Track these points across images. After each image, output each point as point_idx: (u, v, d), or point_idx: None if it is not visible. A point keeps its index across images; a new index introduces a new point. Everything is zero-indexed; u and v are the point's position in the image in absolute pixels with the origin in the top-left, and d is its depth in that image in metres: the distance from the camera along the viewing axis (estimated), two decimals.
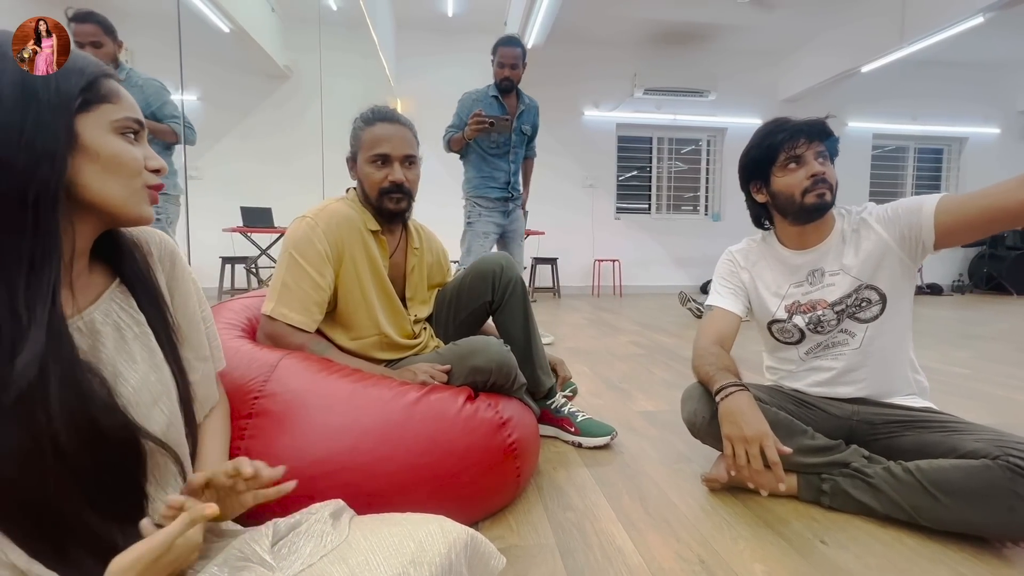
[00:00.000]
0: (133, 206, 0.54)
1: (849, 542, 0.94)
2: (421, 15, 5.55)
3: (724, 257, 1.30)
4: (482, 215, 2.67)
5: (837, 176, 1.12)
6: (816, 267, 1.16)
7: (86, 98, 0.49)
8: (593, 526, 1.00)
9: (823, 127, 1.10)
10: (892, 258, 1.08)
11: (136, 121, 0.54)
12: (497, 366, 1.09)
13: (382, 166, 1.16)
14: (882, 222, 1.10)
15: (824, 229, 1.15)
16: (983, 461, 0.89)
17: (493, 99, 2.57)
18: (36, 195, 0.46)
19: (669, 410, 1.73)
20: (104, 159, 0.50)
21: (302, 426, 0.87)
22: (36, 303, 0.46)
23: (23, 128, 0.45)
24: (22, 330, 0.45)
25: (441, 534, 0.58)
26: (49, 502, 0.47)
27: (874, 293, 1.11)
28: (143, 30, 5.26)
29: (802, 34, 5.83)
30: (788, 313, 1.19)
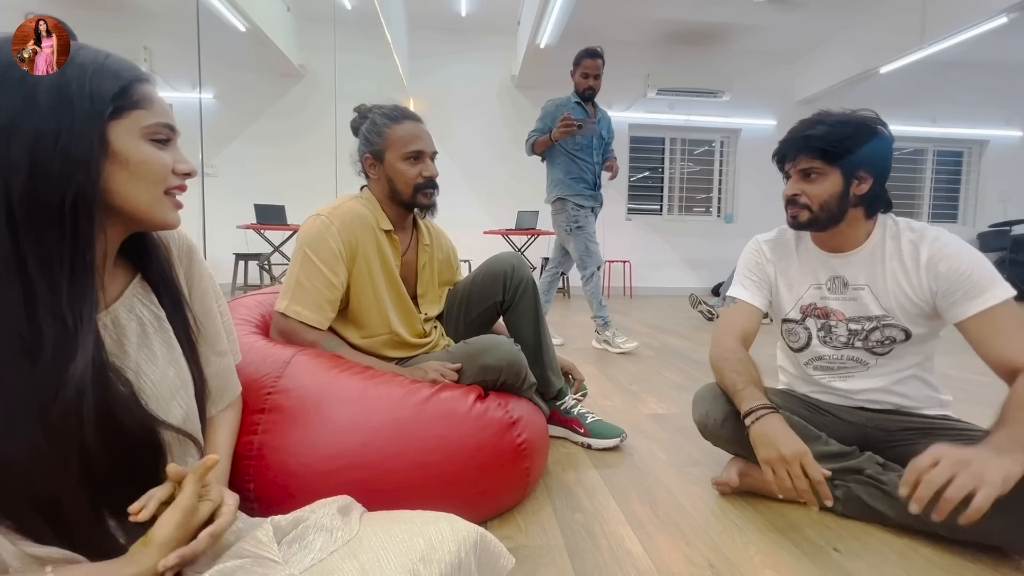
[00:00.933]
0: (158, 211, 0.54)
1: (863, 550, 0.92)
2: (435, 14, 5.56)
3: (751, 246, 1.24)
4: (587, 216, 2.76)
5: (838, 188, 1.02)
6: (838, 274, 1.11)
7: (118, 105, 0.50)
8: (602, 528, 1.00)
9: (805, 140, 1.04)
10: (926, 307, 1.02)
11: (167, 126, 0.54)
12: (507, 365, 1.09)
13: (416, 162, 1.18)
14: (929, 269, 1.00)
15: (854, 236, 1.08)
16: None
17: (576, 104, 2.71)
18: (73, 202, 0.47)
19: (679, 413, 1.71)
20: (133, 165, 0.51)
21: (314, 422, 0.87)
22: (83, 308, 0.47)
23: (59, 136, 0.46)
24: (69, 335, 0.46)
25: (451, 532, 0.58)
26: (66, 500, 0.48)
27: (900, 333, 1.06)
28: (160, 30, 5.35)
29: (819, 34, 5.75)
30: (802, 314, 1.16)
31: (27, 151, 0.45)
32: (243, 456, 0.82)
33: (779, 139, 1.11)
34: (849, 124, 1.02)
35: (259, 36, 4.67)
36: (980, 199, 6.86)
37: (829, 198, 1.04)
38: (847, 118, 1.03)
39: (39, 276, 0.45)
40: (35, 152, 0.45)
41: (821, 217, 1.05)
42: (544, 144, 2.70)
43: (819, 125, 1.03)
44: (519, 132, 6.13)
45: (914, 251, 1.03)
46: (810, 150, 1.03)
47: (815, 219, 1.06)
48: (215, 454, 0.69)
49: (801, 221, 1.07)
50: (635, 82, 6.15)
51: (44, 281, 0.45)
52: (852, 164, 1.02)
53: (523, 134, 6.14)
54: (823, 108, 1.09)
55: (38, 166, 0.45)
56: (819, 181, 1.04)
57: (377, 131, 1.20)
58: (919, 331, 1.05)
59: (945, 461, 0.76)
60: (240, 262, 5.12)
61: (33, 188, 0.45)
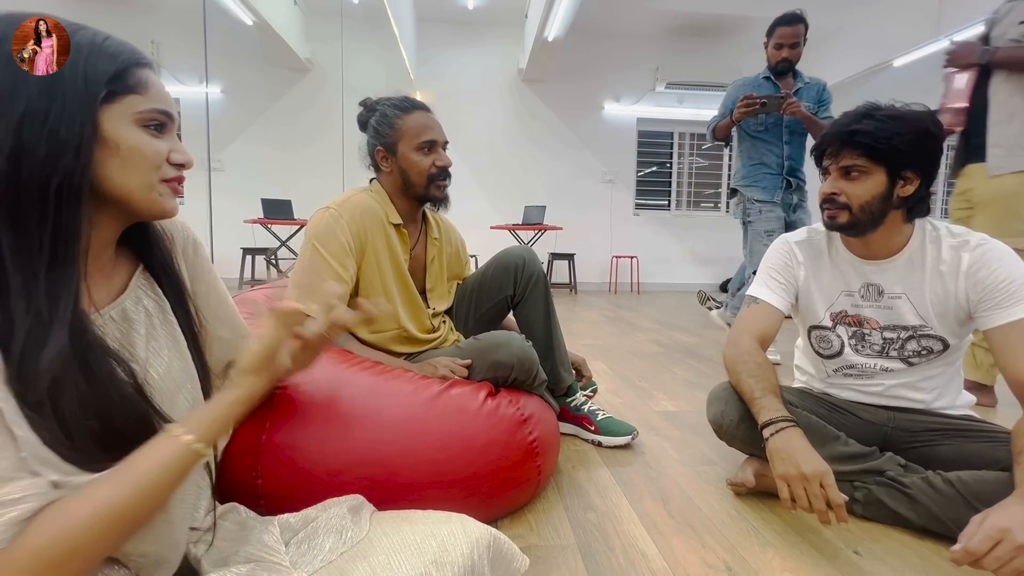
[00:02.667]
0: (153, 200, 0.52)
1: (885, 554, 0.90)
2: (441, 8, 5.52)
3: (780, 246, 1.16)
4: (762, 211, 2.38)
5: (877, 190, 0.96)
6: (872, 281, 1.05)
7: (112, 89, 0.48)
8: (615, 528, 0.98)
9: (850, 135, 0.96)
10: (962, 313, 0.98)
11: (162, 112, 0.52)
12: (519, 361, 1.07)
13: (429, 152, 1.17)
14: (970, 275, 0.95)
15: (892, 242, 1.02)
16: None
17: (765, 80, 2.43)
18: (58, 186, 0.44)
19: (691, 411, 1.69)
20: (124, 152, 0.49)
21: (323, 418, 0.86)
22: (59, 297, 0.45)
23: (47, 116, 0.44)
24: (43, 325, 0.43)
25: (463, 534, 0.56)
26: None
27: (938, 343, 1.02)
28: (168, 23, 5.35)
29: (831, 26, 5.65)
30: (832, 322, 1.11)
31: (12, 130, 0.43)
32: (251, 452, 0.81)
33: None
34: (900, 120, 0.94)
35: (266, 30, 4.65)
36: None
37: (871, 199, 0.97)
38: (897, 113, 0.96)
39: (14, 264, 0.43)
40: (21, 131, 0.43)
41: (861, 219, 0.98)
42: (725, 128, 2.44)
43: (866, 119, 0.96)
44: (526, 126, 6.10)
45: (955, 257, 0.98)
46: (855, 146, 0.96)
47: (854, 221, 0.99)
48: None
49: (840, 223, 1.00)
50: (643, 76, 6.08)
51: (19, 269, 0.43)
52: (899, 163, 0.95)
53: (531, 128, 6.19)
54: (835, 102, 1.04)
55: (23, 146, 0.43)
56: (861, 180, 0.97)
57: (388, 123, 1.17)
58: (957, 341, 1.01)
59: (1004, 546, 0.70)
60: (247, 257, 5.13)
61: (15, 169, 0.43)
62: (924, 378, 1.05)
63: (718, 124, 2.49)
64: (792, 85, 2.41)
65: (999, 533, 0.70)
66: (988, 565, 0.70)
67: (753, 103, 2.23)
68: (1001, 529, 0.70)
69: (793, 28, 2.34)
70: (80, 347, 0.46)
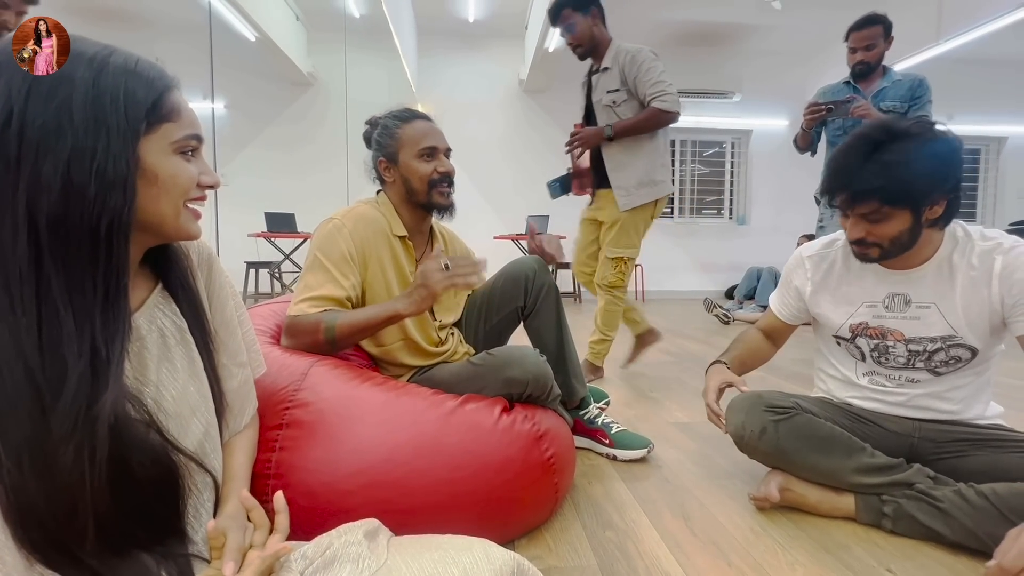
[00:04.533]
0: (182, 224, 0.52)
1: (919, 572, 0.86)
2: (443, 21, 5.56)
3: (794, 261, 1.17)
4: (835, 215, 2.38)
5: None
6: (899, 291, 1.01)
7: (150, 120, 0.47)
8: (636, 547, 0.94)
9: (861, 194, 0.90)
10: (996, 319, 0.95)
11: (195, 137, 0.52)
12: (534, 378, 1.04)
13: (430, 159, 1.15)
14: (1003, 279, 0.92)
15: (921, 254, 0.98)
16: None
17: (844, 85, 2.36)
18: (108, 225, 0.44)
19: (705, 422, 1.64)
20: (162, 181, 0.48)
21: (334, 438, 0.83)
22: (116, 337, 0.44)
23: (95, 155, 0.43)
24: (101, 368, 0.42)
25: (487, 561, 0.54)
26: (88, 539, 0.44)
27: (967, 352, 0.98)
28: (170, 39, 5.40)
29: (831, 32, 5.66)
30: (852, 333, 1.08)
31: (60, 171, 0.42)
32: (261, 475, 0.78)
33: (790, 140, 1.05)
34: (908, 160, 0.87)
35: (269, 45, 4.69)
36: (999, 198, 6.72)
37: (899, 234, 0.92)
38: (903, 150, 0.87)
39: (65, 303, 0.42)
40: (70, 172, 0.42)
41: (893, 251, 0.95)
42: (803, 138, 2.39)
43: (871, 165, 0.89)
44: (528, 137, 6.11)
45: (987, 260, 0.94)
46: (869, 198, 0.91)
47: (887, 254, 0.96)
48: (229, 485, 0.65)
49: (872, 258, 0.97)
50: None
51: (71, 309, 0.42)
52: (921, 200, 0.89)
53: (532, 139, 6.20)
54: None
55: (72, 187, 0.42)
56: (885, 222, 0.92)
57: (389, 133, 1.17)
58: (985, 348, 0.98)
59: None
60: (251, 270, 5.13)
61: (65, 210, 0.42)
62: (952, 388, 1.02)
63: (798, 134, 2.45)
64: (875, 86, 2.31)
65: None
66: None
67: (818, 110, 2.19)
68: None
69: (865, 31, 2.27)
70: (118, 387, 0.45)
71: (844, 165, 0.93)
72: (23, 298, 0.41)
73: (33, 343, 0.40)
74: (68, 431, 0.40)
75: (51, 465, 0.40)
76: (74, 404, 0.40)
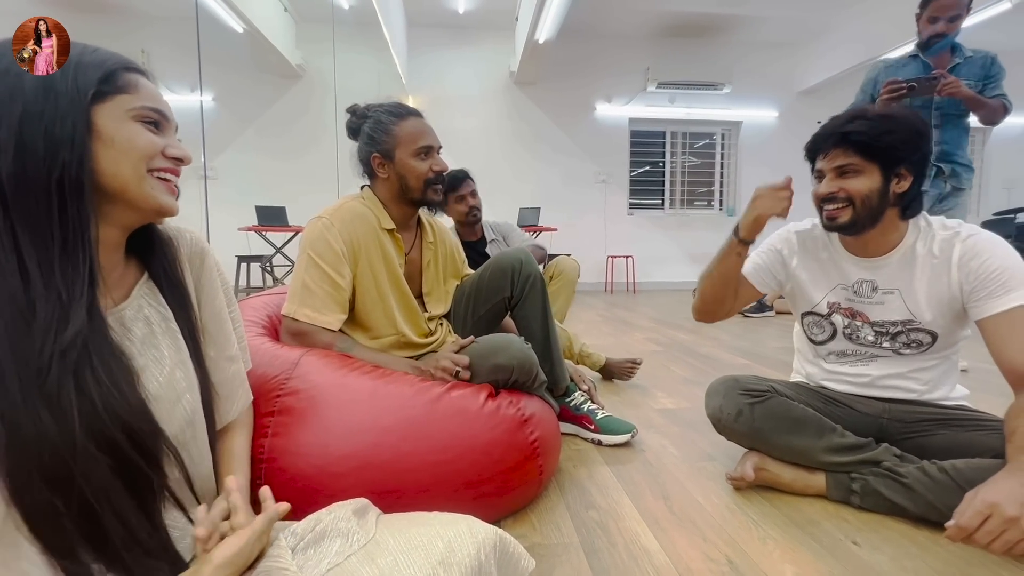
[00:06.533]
0: (148, 191, 0.54)
1: (883, 544, 0.91)
2: (432, 12, 5.54)
3: (782, 232, 1.20)
4: None
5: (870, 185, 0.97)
6: (867, 278, 1.07)
7: (102, 89, 0.51)
8: (617, 525, 0.99)
9: (843, 136, 0.98)
10: (956, 305, 0.99)
11: (155, 111, 0.55)
12: (519, 364, 1.07)
13: (426, 157, 1.18)
14: (961, 266, 0.97)
15: (888, 240, 1.04)
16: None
17: (911, 59, 2.15)
18: (59, 179, 0.48)
19: (690, 408, 1.70)
20: (118, 143, 0.52)
21: (325, 423, 0.86)
22: (74, 282, 0.48)
23: (43, 116, 0.48)
24: (63, 307, 0.47)
25: (470, 534, 0.57)
26: (72, 488, 0.47)
27: (927, 336, 1.03)
28: (157, 33, 5.33)
29: (820, 23, 5.70)
30: (829, 309, 1.13)
31: (13, 132, 0.47)
32: (254, 460, 0.81)
33: (781, 130, 1.08)
34: (891, 119, 0.97)
35: (257, 37, 4.65)
36: (984, 187, 6.82)
37: (870, 193, 0.98)
38: (887, 113, 0.98)
39: (30, 253, 0.47)
40: (21, 132, 0.47)
41: (862, 214, 0.99)
42: None
43: (858, 120, 0.98)
44: (519, 128, 6.12)
45: (947, 249, 0.99)
46: (849, 144, 0.98)
47: (855, 218, 1.00)
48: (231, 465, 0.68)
49: (841, 222, 1.01)
50: (635, 76, 6.11)
51: (35, 258, 0.47)
52: (893, 160, 0.97)
53: (523, 130, 6.21)
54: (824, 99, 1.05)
55: (24, 146, 0.47)
56: (857, 177, 0.98)
57: (384, 129, 1.18)
58: (947, 334, 1.03)
59: (994, 520, 0.71)
60: (242, 264, 5.12)
61: (21, 167, 0.47)
62: (916, 369, 1.07)
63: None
64: (948, 62, 2.08)
65: (988, 508, 0.71)
66: (980, 539, 0.72)
67: (899, 88, 1.96)
68: (990, 504, 0.71)
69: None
70: (99, 335, 0.49)
71: (834, 122, 1.02)
72: (5, 246, 0.47)
73: (17, 283, 0.47)
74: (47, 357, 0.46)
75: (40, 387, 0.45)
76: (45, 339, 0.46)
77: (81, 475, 0.46)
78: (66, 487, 0.46)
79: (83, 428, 0.46)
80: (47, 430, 0.45)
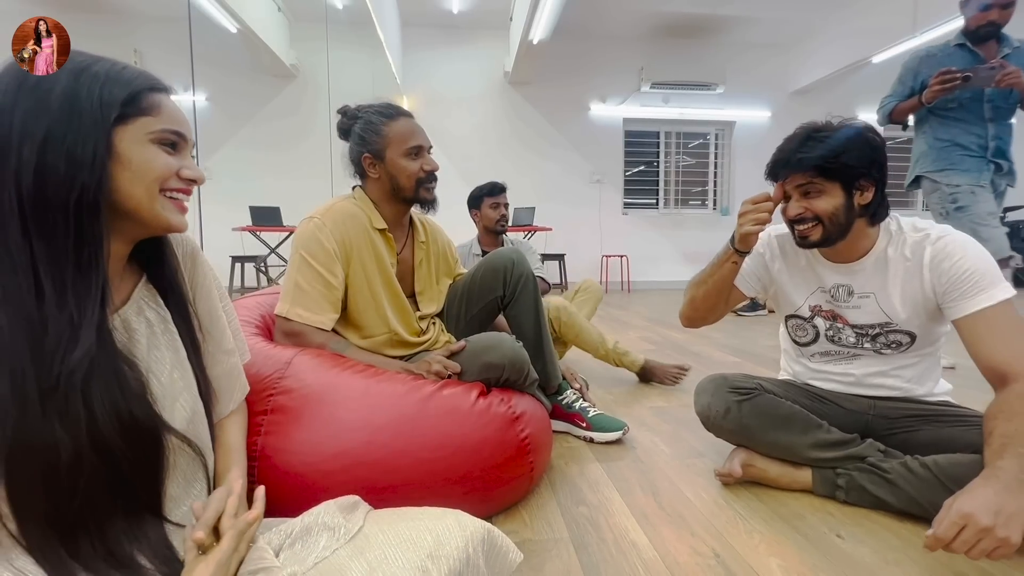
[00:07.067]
0: (159, 211, 0.55)
1: (866, 536, 0.93)
2: (426, 12, 5.54)
3: (763, 236, 1.21)
4: (975, 192, 2.01)
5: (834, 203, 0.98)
6: (844, 282, 1.09)
7: (124, 112, 0.52)
8: (607, 520, 1.00)
9: (799, 162, 0.99)
10: (930, 305, 1.01)
11: (175, 133, 0.55)
12: (510, 362, 1.09)
13: (416, 157, 1.19)
14: (933, 268, 0.98)
15: (859, 247, 1.05)
16: None
17: (957, 48, 2.02)
18: (77, 199, 0.49)
19: (680, 405, 1.72)
20: (135, 166, 0.52)
21: (317, 422, 0.87)
22: (86, 302, 0.49)
23: (65, 138, 0.48)
24: (73, 326, 0.48)
25: (458, 528, 0.58)
26: (75, 497, 0.48)
27: (905, 336, 1.05)
28: (150, 32, 5.31)
29: (812, 25, 5.74)
30: (811, 312, 1.15)
31: (36, 151, 0.47)
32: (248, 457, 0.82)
33: (774, 130, 1.10)
34: (841, 137, 0.98)
35: (250, 37, 4.64)
36: None
37: (835, 211, 0.99)
38: (837, 132, 0.99)
39: (45, 271, 0.48)
40: (43, 152, 0.48)
41: (832, 231, 1.01)
42: (906, 111, 2.08)
43: (809, 142, 0.99)
44: (514, 128, 6.12)
45: (918, 251, 1.01)
46: (805, 169, 0.99)
47: (827, 235, 1.02)
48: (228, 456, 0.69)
49: (813, 240, 1.03)
50: (629, 76, 6.13)
51: (50, 275, 0.48)
52: (852, 176, 0.99)
53: (518, 130, 6.22)
54: (816, 99, 1.07)
55: (46, 165, 0.48)
56: (821, 197, 1.00)
57: (374, 130, 1.19)
58: (925, 333, 1.05)
59: (969, 530, 0.73)
60: (236, 265, 5.11)
61: (41, 186, 0.48)
62: (897, 367, 1.09)
63: (897, 107, 2.11)
64: (996, 51, 1.97)
65: (963, 518, 0.73)
66: (957, 549, 0.73)
67: (953, 79, 1.85)
68: (965, 514, 0.73)
69: None
70: (106, 350, 0.50)
71: (788, 146, 1.03)
72: (22, 264, 0.48)
73: (31, 302, 0.47)
74: (55, 376, 0.47)
75: (47, 404, 0.46)
76: (56, 355, 0.47)
77: (83, 488, 0.47)
78: (66, 498, 0.47)
79: (90, 441, 0.48)
80: (61, 443, 0.46)
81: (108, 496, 0.50)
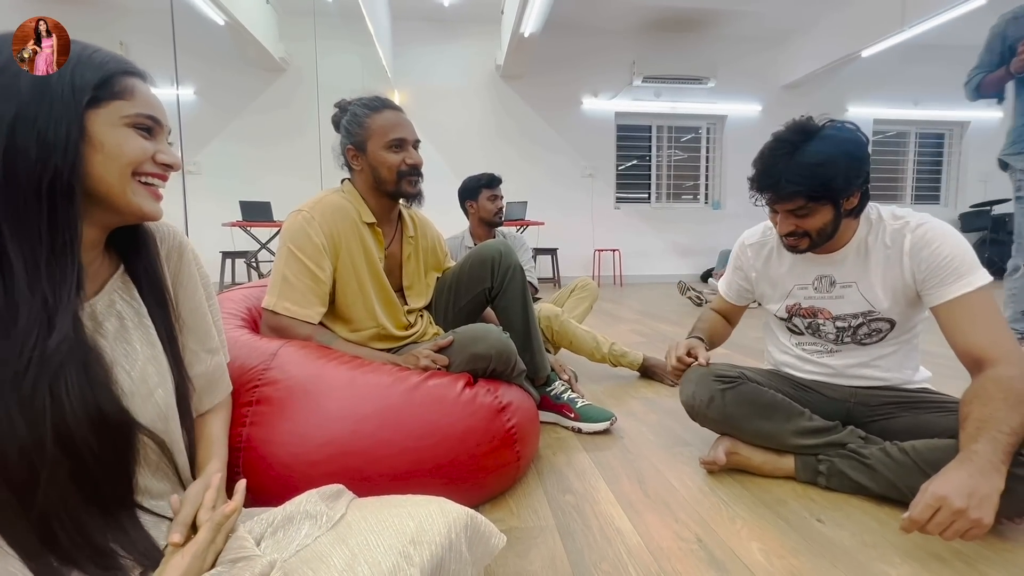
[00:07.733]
0: (132, 197, 0.54)
1: (845, 520, 0.95)
2: (417, 5, 5.49)
3: (736, 248, 1.27)
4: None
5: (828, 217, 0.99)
6: (825, 273, 1.11)
7: (97, 95, 0.51)
8: (592, 508, 1.01)
9: (785, 193, 0.98)
10: (910, 292, 1.03)
11: (149, 117, 0.54)
12: (497, 353, 1.09)
13: (398, 150, 1.18)
14: (913, 255, 1.00)
15: (840, 239, 1.07)
16: None
17: None
18: (50, 184, 0.48)
19: (669, 396, 1.74)
20: (108, 149, 0.52)
21: (303, 412, 0.88)
22: (61, 287, 0.48)
23: (36, 120, 0.48)
24: (48, 312, 0.47)
25: (441, 514, 0.58)
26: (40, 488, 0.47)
27: (885, 324, 1.07)
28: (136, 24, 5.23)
29: (803, 19, 5.76)
30: (788, 313, 1.18)
31: (5, 133, 0.47)
32: (232, 448, 0.82)
33: (765, 124, 1.10)
34: (821, 162, 0.95)
35: (238, 29, 4.58)
36: (961, 180, 6.96)
37: (824, 225, 1.01)
38: (821, 150, 0.96)
39: (16, 253, 0.47)
40: (13, 135, 0.47)
41: (820, 241, 1.04)
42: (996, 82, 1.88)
43: (793, 167, 0.97)
44: (505, 122, 6.11)
45: (898, 239, 1.02)
46: (793, 198, 0.99)
47: (815, 244, 1.05)
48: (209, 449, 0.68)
49: (802, 249, 1.06)
50: (621, 70, 6.13)
51: (21, 258, 0.47)
52: (840, 195, 0.98)
53: (510, 124, 6.21)
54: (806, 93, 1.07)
55: (16, 148, 0.47)
56: (810, 216, 1.01)
57: (358, 122, 1.19)
58: (904, 319, 1.07)
59: (943, 512, 0.75)
60: (226, 260, 5.07)
61: (12, 169, 0.47)
62: (878, 357, 1.11)
63: (985, 78, 1.93)
64: None
65: (937, 501, 0.75)
66: (932, 530, 0.76)
67: None
68: (939, 497, 0.75)
69: None
70: (78, 338, 0.49)
71: (769, 167, 1.01)
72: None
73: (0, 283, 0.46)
74: (23, 367, 0.45)
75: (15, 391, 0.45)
76: (25, 343, 0.46)
77: (46, 478, 0.46)
78: (28, 489, 0.46)
79: (53, 431, 0.46)
80: (18, 432, 0.45)
81: (74, 487, 0.49)
